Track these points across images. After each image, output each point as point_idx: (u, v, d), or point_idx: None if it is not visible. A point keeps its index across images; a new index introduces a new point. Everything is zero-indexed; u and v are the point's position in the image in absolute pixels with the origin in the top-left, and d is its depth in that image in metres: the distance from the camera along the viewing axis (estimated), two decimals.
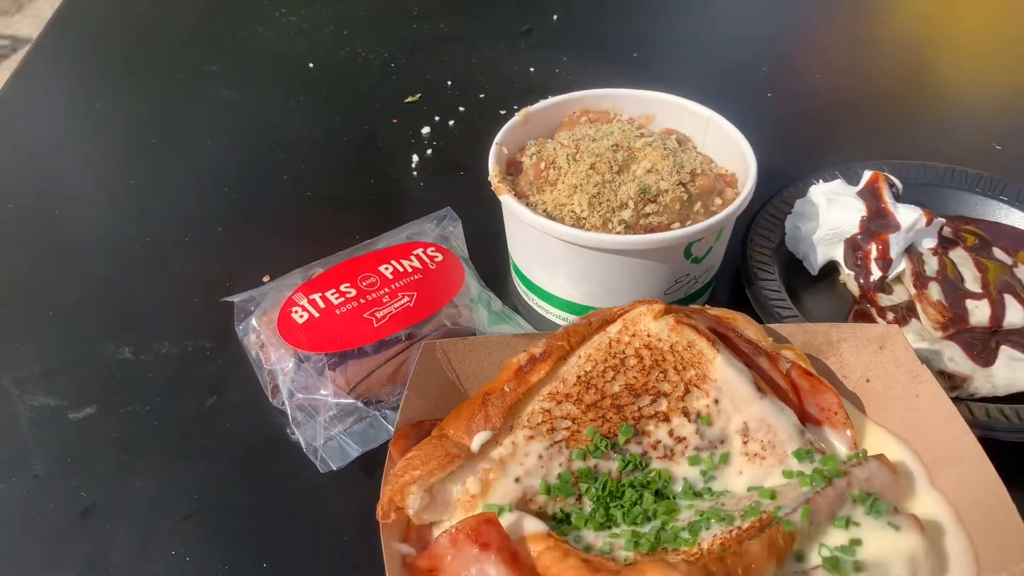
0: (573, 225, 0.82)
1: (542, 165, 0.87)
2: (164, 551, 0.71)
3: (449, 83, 1.27)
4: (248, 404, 0.83)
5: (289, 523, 0.73)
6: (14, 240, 1.03)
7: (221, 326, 0.88)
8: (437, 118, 1.20)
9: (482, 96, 1.23)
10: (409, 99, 1.24)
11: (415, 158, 1.13)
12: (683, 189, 0.84)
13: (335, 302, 0.82)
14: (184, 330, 0.90)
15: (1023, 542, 0.60)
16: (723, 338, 0.74)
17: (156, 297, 0.95)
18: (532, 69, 1.29)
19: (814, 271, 0.94)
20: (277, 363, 0.80)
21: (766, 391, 0.71)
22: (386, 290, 0.84)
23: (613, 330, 0.72)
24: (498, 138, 0.91)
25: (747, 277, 0.90)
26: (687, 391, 0.70)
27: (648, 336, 0.72)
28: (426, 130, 1.18)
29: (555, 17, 1.42)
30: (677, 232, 0.80)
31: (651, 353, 0.71)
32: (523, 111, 0.94)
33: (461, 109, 1.21)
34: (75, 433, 0.81)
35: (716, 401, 0.70)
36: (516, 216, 0.84)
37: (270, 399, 0.82)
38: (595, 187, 0.83)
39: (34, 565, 0.70)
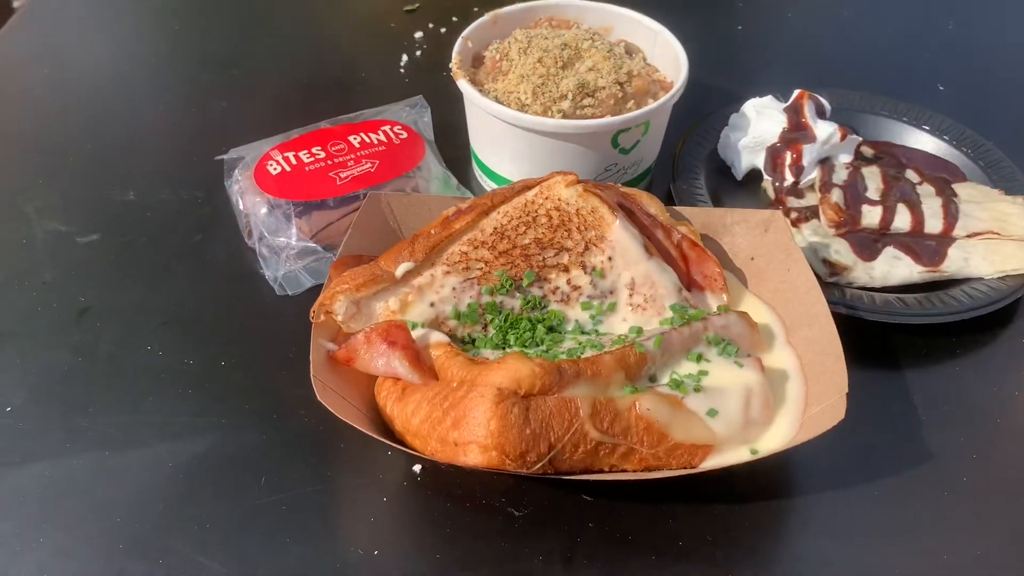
0: (518, 110, 0.94)
1: (497, 57, 0.99)
2: (142, 346, 0.86)
3: None
4: (228, 242, 0.96)
5: (248, 333, 0.87)
6: (49, 103, 1.17)
7: (214, 181, 1.01)
8: (431, 25, 1.32)
9: (476, 9, 1.34)
10: (407, 8, 1.36)
11: (404, 57, 1.25)
12: (619, 88, 0.96)
13: (306, 160, 0.95)
14: (182, 181, 1.04)
15: (842, 383, 0.72)
16: (626, 211, 0.86)
17: (163, 155, 1.09)
18: None
19: (739, 176, 1.04)
20: (252, 208, 0.94)
21: (654, 254, 0.83)
22: (352, 156, 0.97)
23: (530, 194, 0.84)
24: (465, 32, 1.02)
25: (674, 173, 1.01)
26: (586, 248, 0.82)
27: (559, 200, 0.84)
28: (419, 35, 1.30)
29: None
30: (604, 120, 0.91)
31: (559, 214, 0.83)
32: (492, 13, 1.05)
33: (455, 19, 1.33)
34: (80, 253, 0.95)
35: (610, 258, 0.82)
36: (469, 99, 0.96)
37: (246, 240, 0.95)
38: (540, 78, 0.95)
39: (36, 347, 0.85)
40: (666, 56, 1.04)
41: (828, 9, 1.41)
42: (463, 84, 0.96)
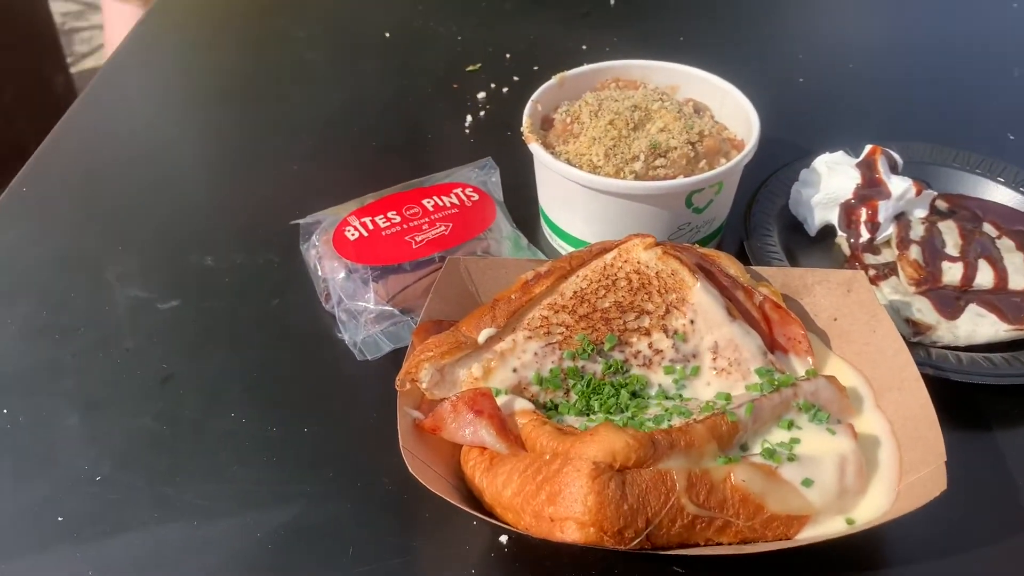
0: (590, 173, 0.95)
1: (568, 120, 1.00)
2: (225, 413, 0.86)
3: (507, 56, 1.41)
4: (305, 307, 0.98)
5: (329, 399, 0.88)
6: (126, 171, 1.21)
7: (289, 245, 1.03)
8: (493, 85, 1.33)
9: (536, 68, 1.36)
10: (470, 68, 1.38)
11: (468, 118, 1.27)
12: (690, 147, 0.96)
13: (382, 225, 0.97)
14: (258, 246, 1.06)
15: (938, 448, 0.70)
16: (706, 272, 0.86)
17: (238, 220, 1.11)
18: (584, 47, 1.42)
19: (812, 232, 1.03)
20: (330, 273, 0.95)
21: (736, 317, 0.82)
22: (426, 219, 0.98)
23: (609, 257, 0.84)
24: (534, 96, 1.04)
25: (747, 231, 1.01)
26: (667, 311, 0.82)
27: (638, 263, 0.84)
28: (481, 95, 1.31)
29: (612, 2, 1.54)
30: (677, 181, 0.91)
31: (639, 277, 0.83)
32: (559, 75, 1.06)
33: (515, 79, 1.34)
34: (161, 319, 0.97)
35: (692, 321, 0.82)
36: (541, 161, 0.97)
37: (323, 304, 0.97)
38: (611, 140, 0.95)
39: (121, 415, 0.87)
40: (735, 114, 1.04)
41: (890, 59, 1.41)
42: (535, 148, 0.97)
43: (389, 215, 0.98)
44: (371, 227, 0.96)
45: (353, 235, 0.95)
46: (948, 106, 1.30)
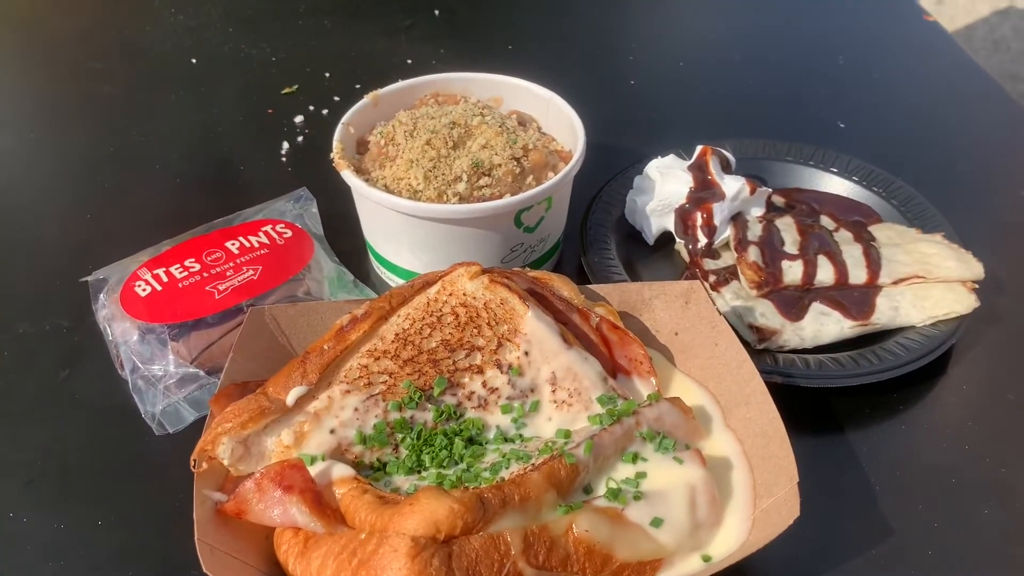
0: (410, 198, 0.87)
1: (382, 143, 0.91)
2: (3, 513, 0.74)
3: (327, 75, 1.31)
4: (99, 377, 0.85)
5: (126, 483, 0.76)
6: None
7: (80, 306, 0.90)
8: (312, 107, 1.24)
9: (358, 87, 1.27)
10: (286, 90, 1.28)
11: (285, 145, 1.17)
12: (516, 163, 0.89)
13: (178, 276, 0.86)
14: (43, 309, 0.93)
15: (790, 469, 0.66)
16: (539, 297, 0.79)
17: (18, 278, 0.98)
18: (410, 61, 1.34)
19: (650, 241, 0.99)
20: (121, 336, 0.83)
21: (573, 343, 0.76)
22: (231, 264, 0.88)
23: (432, 291, 0.77)
24: (344, 118, 0.95)
25: (584, 246, 0.95)
26: (500, 344, 0.75)
27: (464, 295, 0.76)
28: (299, 119, 1.22)
29: (436, 12, 1.47)
30: (503, 201, 0.85)
31: (466, 310, 0.76)
32: (372, 93, 0.98)
33: (336, 99, 1.25)
34: None
35: (526, 353, 0.75)
36: (356, 191, 0.88)
37: (119, 371, 0.85)
38: (431, 161, 0.88)
39: None
40: (561, 123, 0.99)
41: (717, 55, 1.39)
42: (348, 175, 0.88)
43: (187, 263, 0.87)
44: (165, 279, 0.85)
45: (144, 290, 0.84)
46: (778, 99, 1.29)
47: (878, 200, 1.03)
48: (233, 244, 0.90)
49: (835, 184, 1.05)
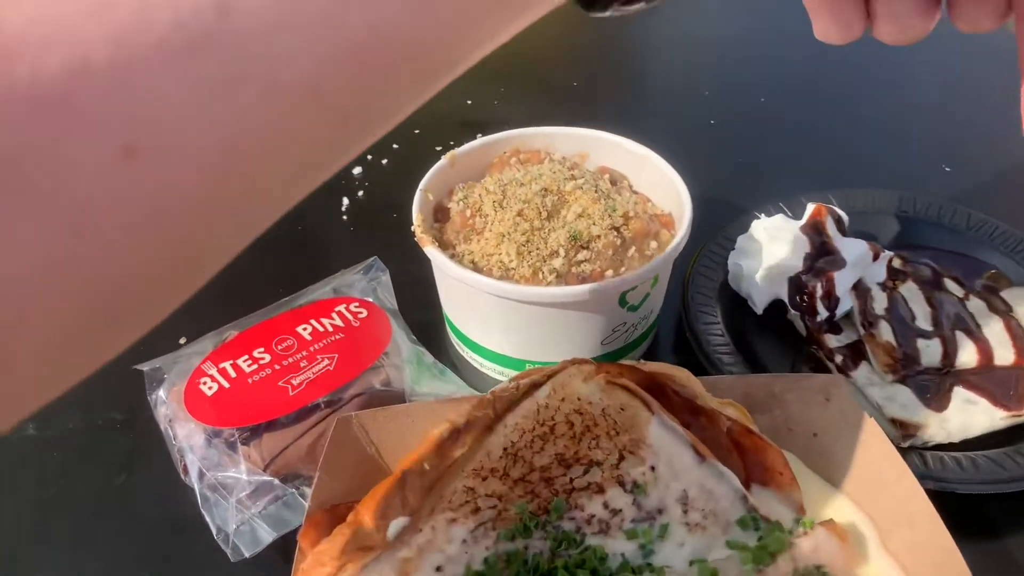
0: (501, 276, 0.78)
1: (468, 213, 0.82)
2: None
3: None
4: (160, 482, 0.77)
5: None
6: None
7: (134, 395, 0.82)
8: (370, 157, 1.15)
9: (417, 132, 1.19)
10: None
11: (345, 201, 1.08)
12: (616, 234, 0.80)
13: (247, 370, 0.77)
14: (94, 401, 0.84)
15: None
16: (660, 396, 0.70)
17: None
18: (469, 101, 1.25)
19: (759, 310, 0.89)
20: (185, 440, 0.75)
21: (706, 455, 0.67)
22: (304, 353, 0.79)
23: (542, 395, 0.67)
24: (422, 184, 0.86)
25: (688, 322, 0.86)
26: (621, 458, 0.66)
27: (578, 400, 0.67)
28: (357, 170, 1.13)
29: None
30: (608, 282, 0.75)
31: (582, 418, 0.66)
32: (449, 154, 0.89)
33: (395, 147, 1.16)
34: None
35: (653, 468, 0.66)
36: (441, 269, 0.79)
37: (182, 476, 0.76)
38: (523, 235, 0.78)
39: None
40: (657, 183, 0.89)
41: (801, 91, 1.29)
42: (433, 252, 0.79)
43: (255, 354, 0.78)
44: (233, 374, 0.76)
45: (211, 388, 0.75)
46: (872, 140, 1.19)
47: (1003, 258, 0.93)
48: (305, 329, 0.81)
49: (951, 239, 0.96)
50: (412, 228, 0.81)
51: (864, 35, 0.51)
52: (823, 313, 0.84)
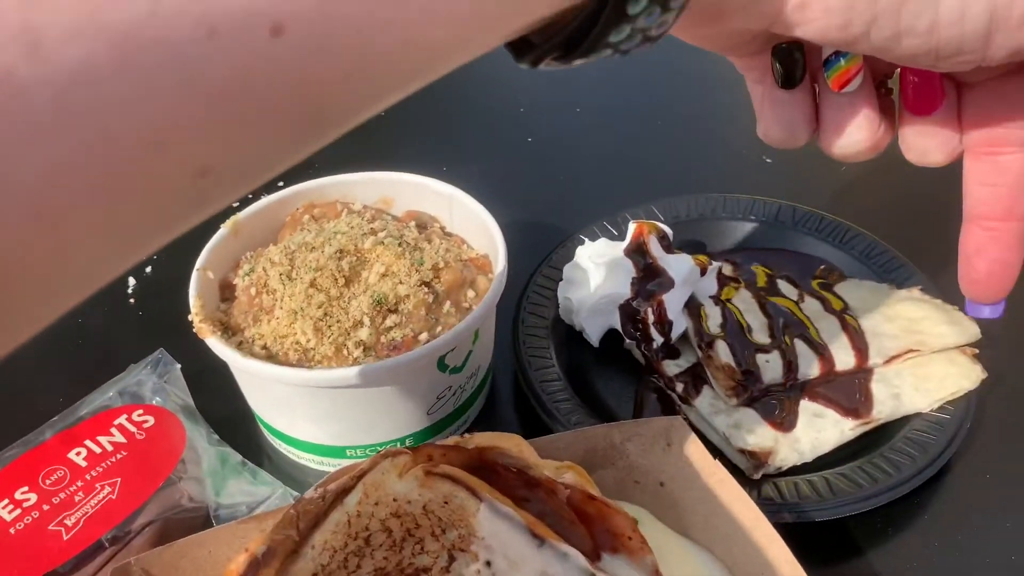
0: (299, 359, 0.68)
1: (253, 291, 0.72)
2: None
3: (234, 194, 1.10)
4: None
5: None
6: None
7: None
8: None
9: None
10: None
11: (131, 281, 0.95)
12: (427, 290, 0.72)
13: (8, 518, 0.64)
14: None
15: None
16: (490, 474, 0.62)
17: None
18: None
19: (595, 343, 0.83)
20: None
21: (545, 536, 0.59)
22: (79, 484, 0.67)
23: (352, 501, 0.58)
24: (200, 262, 0.75)
25: (521, 370, 0.79)
26: (452, 559, 0.58)
27: (394, 501, 0.58)
28: None
29: None
30: (421, 350, 0.67)
31: (401, 522, 0.58)
32: (230, 221, 0.79)
33: None
34: None
35: (488, 563, 0.58)
36: (229, 362, 0.69)
37: None
38: (319, 308, 0.69)
39: None
40: (468, 223, 0.82)
41: (622, 93, 1.25)
42: (216, 344, 0.69)
43: (18, 495, 0.66)
44: None
45: None
46: (693, 139, 1.16)
47: (832, 250, 0.90)
48: (79, 454, 0.69)
49: (779, 236, 0.92)
50: (189, 317, 0.71)
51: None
52: (658, 339, 0.79)
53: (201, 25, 0.24)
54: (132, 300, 0.94)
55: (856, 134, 0.46)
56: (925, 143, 0.47)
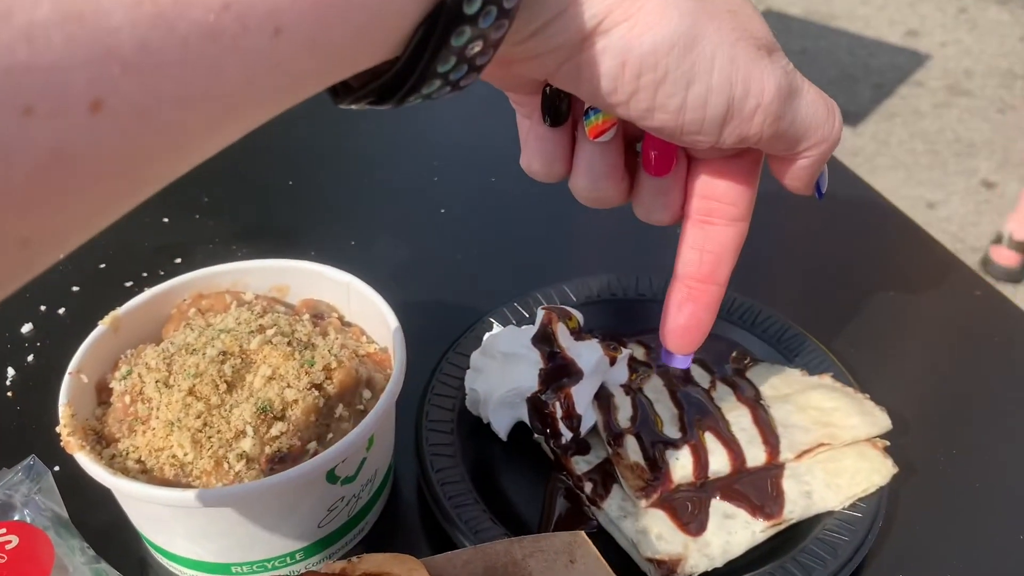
0: (176, 475, 0.63)
1: (128, 399, 0.67)
2: None
3: (60, 255, 1.04)
4: None
5: None
6: None
7: None
8: (43, 308, 0.96)
9: (103, 267, 1.01)
10: None
11: (11, 372, 0.89)
12: (317, 393, 0.68)
13: None
14: None
15: None
16: None
17: None
18: (165, 219, 1.09)
19: (503, 436, 0.80)
20: None
21: None
22: None
23: None
24: (72, 364, 0.70)
25: (423, 473, 0.75)
26: None
27: None
28: (27, 328, 0.94)
29: None
30: (307, 465, 0.63)
31: None
32: (110, 316, 0.74)
33: (75, 289, 0.98)
34: None
35: None
36: (99, 481, 0.64)
37: None
38: (198, 418, 0.64)
39: None
40: (366, 312, 0.78)
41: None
42: (84, 460, 0.63)
43: None
44: None
45: None
46: (606, 215, 1.14)
47: (743, 333, 0.89)
48: None
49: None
50: (57, 429, 0.65)
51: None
52: (567, 435, 0.76)
53: (15, 106, 0.25)
54: (10, 394, 0.87)
55: (602, 180, 0.52)
56: (654, 202, 0.54)
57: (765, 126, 0.46)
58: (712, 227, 0.54)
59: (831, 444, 0.74)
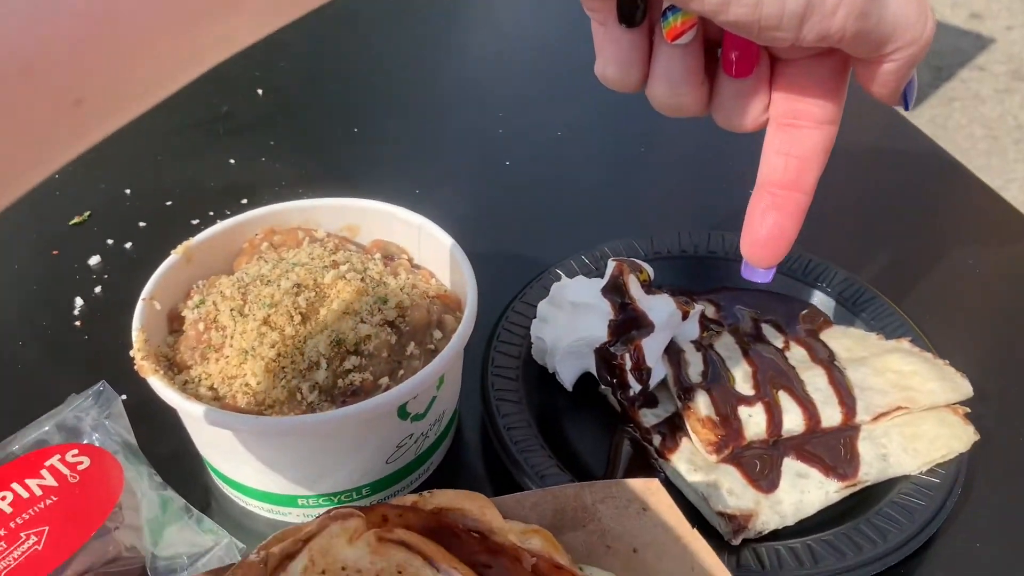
0: (249, 403, 0.63)
1: (201, 326, 0.67)
2: None
3: (128, 191, 1.04)
4: None
5: None
6: None
7: None
8: (110, 241, 0.97)
9: (169, 204, 1.02)
10: (76, 219, 1.00)
11: (79, 302, 0.90)
12: (390, 330, 0.67)
13: None
14: None
15: None
16: (450, 538, 0.57)
17: None
18: (232, 160, 1.09)
19: (568, 386, 0.79)
20: None
21: None
22: (2, 532, 0.61)
23: (297, 568, 0.53)
24: (146, 291, 0.70)
25: (489, 417, 0.74)
26: None
27: (343, 569, 0.53)
28: (95, 260, 0.94)
29: (260, 92, 1.22)
30: (380, 399, 0.62)
31: None
32: (182, 246, 0.74)
33: (142, 225, 0.99)
34: None
35: None
36: (172, 405, 0.64)
37: None
38: (272, 348, 0.64)
39: None
40: (437, 256, 0.77)
41: (603, 124, 1.21)
42: (157, 384, 0.63)
43: None
44: None
45: None
46: (680, 174, 1.12)
47: (819, 294, 0.87)
48: (3, 498, 0.63)
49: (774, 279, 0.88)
50: (131, 353, 0.65)
51: None
52: (635, 387, 0.75)
53: None
54: (78, 323, 0.88)
55: (681, 86, 0.50)
56: (735, 106, 0.51)
57: (848, 23, 0.43)
58: (798, 130, 0.51)
59: (909, 408, 0.72)
